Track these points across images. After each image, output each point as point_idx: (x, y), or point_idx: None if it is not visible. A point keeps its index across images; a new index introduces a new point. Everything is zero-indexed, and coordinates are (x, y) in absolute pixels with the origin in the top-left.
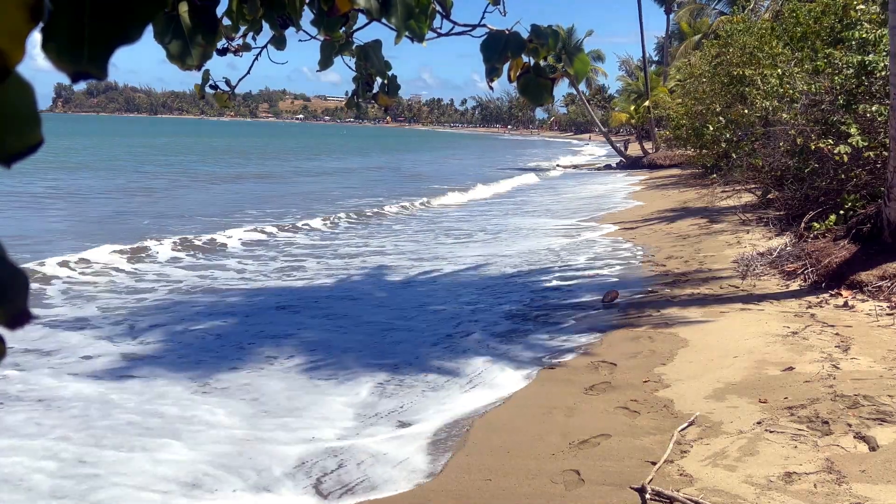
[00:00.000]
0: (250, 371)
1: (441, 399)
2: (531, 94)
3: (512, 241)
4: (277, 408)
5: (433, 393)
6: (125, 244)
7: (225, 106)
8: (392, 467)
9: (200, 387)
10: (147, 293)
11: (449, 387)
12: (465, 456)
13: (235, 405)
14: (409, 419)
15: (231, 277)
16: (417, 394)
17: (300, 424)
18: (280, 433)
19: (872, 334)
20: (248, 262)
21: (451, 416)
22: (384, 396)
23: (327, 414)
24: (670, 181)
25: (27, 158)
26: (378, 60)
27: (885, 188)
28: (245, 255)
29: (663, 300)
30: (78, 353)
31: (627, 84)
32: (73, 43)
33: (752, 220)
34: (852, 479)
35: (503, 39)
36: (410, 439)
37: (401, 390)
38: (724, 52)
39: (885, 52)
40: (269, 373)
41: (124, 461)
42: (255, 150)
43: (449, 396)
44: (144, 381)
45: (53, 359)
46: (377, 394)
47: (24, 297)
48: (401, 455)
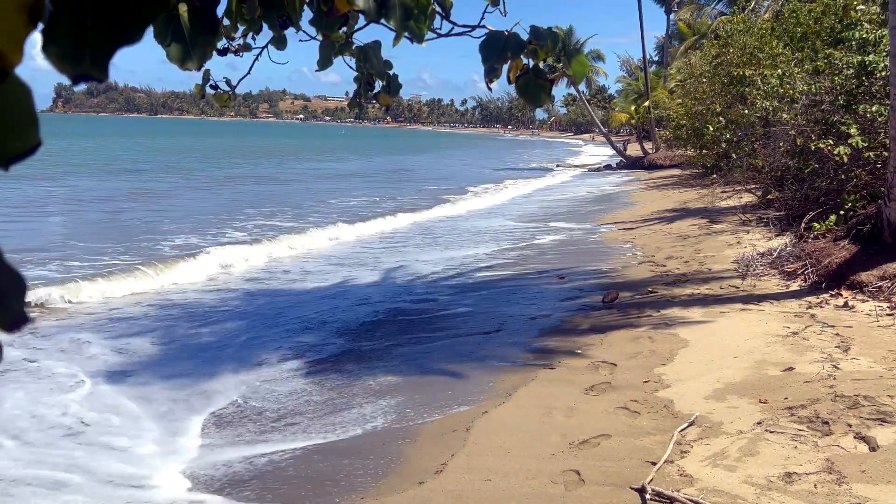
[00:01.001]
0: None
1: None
2: (530, 96)
3: (502, 242)
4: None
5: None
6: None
7: (225, 106)
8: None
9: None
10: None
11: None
12: (465, 456)
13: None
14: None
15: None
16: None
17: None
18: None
19: (872, 334)
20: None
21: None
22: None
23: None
24: (670, 181)
25: (26, 160)
26: (377, 61)
27: (885, 188)
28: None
29: (663, 300)
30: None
31: (627, 84)
32: (74, 45)
33: (752, 221)
34: (852, 479)
35: (502, 40)
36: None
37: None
38: (725, 53)
39: (885, 52)
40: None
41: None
42: (272, 150)
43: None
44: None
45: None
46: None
47: (22, 300)
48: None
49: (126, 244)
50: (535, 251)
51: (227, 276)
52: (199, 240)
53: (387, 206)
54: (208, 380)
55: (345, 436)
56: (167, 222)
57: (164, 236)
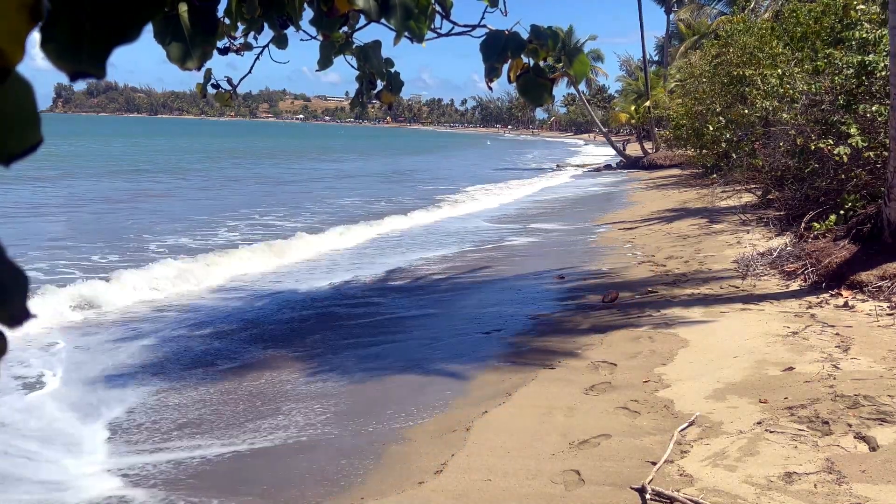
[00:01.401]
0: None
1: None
2: (531, 95)
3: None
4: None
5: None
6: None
7: (227, 105)
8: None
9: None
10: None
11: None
12: (465, 456)
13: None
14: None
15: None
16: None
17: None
18: None
19: (872, 334)
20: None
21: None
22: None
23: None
24: (670, 181)
25: (27, 158)
26: (378, 61)
27: (885, 188)
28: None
29: (663, 300)
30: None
31: (627, 84)
32: (72, 42)
33: (752, 221)
34: (852, 479)
35: (503, 39)
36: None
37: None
38: (724, 52)
39: (885, 52)
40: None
41: None
42: (274, 152)
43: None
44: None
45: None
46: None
47: (25, 296)
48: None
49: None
50: (536, 251)
51: (163, 295)
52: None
53: (380, 207)
54: (118, 388)
55: (343, 435)
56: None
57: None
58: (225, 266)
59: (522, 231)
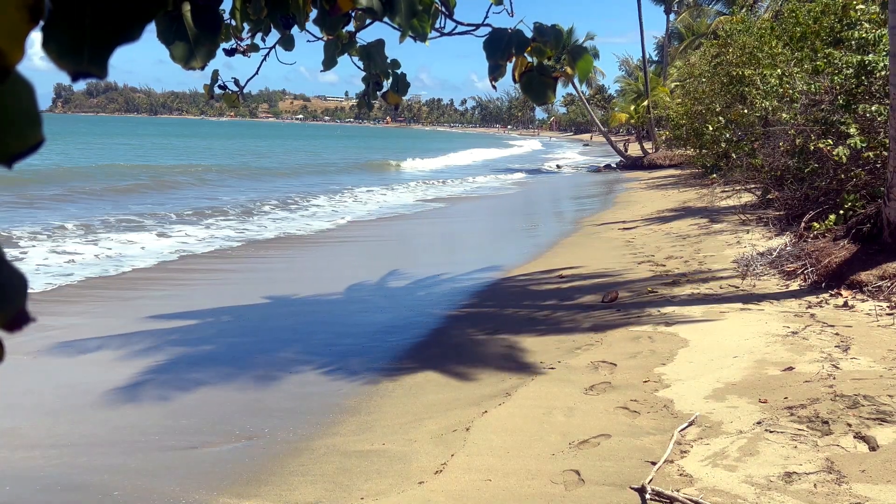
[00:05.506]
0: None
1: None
2: (534, 93)
3: (506, 244)
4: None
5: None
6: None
7: (234, 106)
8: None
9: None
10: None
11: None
12: (465, 456)
13: None
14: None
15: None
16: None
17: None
18: None
19: (872, 334)
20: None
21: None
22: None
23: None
24: (670, 181)
25: (28, 158)
26: (381, 60)
27: (885, 188)
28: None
29: (663, 300)
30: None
31: (627, 84)
32: (73, 42)
33: (752, 220)
34: (852, 479)
35: (506, 37)
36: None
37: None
38: (724, 52)
39: (884, 52)
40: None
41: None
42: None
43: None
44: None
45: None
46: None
47: (23, 298)
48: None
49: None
50: (530, 250)
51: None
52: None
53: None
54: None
55: (340, 435)
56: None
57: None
58: None
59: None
